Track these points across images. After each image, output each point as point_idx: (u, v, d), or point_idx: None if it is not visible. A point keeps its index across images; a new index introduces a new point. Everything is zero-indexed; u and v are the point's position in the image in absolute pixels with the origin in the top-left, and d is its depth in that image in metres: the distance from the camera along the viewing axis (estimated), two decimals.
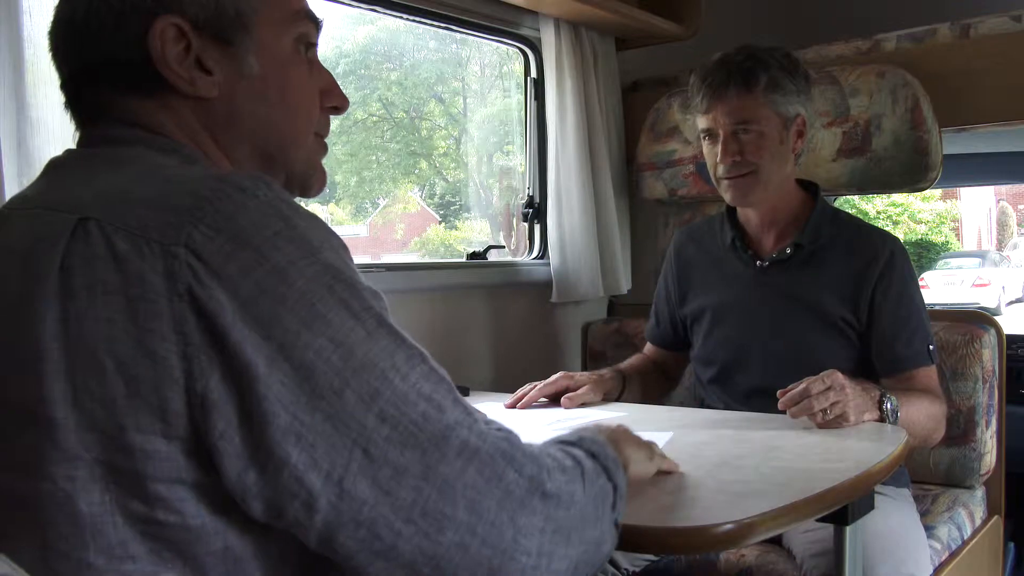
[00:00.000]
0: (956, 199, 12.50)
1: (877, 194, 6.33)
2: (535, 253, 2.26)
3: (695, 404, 1.73)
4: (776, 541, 1.50)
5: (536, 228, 2.26)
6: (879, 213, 11.61)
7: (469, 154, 4.01)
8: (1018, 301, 10.57)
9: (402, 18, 1.93)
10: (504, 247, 2.36)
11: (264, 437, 0.61)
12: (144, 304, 0.61)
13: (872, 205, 11.17)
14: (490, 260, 2.16)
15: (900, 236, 2.28)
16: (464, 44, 3.18)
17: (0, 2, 1.22)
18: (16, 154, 1.24)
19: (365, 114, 4.29)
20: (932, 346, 1.53)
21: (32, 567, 0.63)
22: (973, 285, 10.02)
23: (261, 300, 0.62)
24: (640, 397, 1.68)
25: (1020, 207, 13.74)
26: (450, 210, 5.39)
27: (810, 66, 1.69)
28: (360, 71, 3.73)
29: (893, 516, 1.42)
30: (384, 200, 6.23)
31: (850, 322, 1.54)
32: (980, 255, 11.38)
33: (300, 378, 0.62)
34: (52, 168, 0.77)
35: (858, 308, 1.53)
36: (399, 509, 0.64)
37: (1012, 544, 2.28)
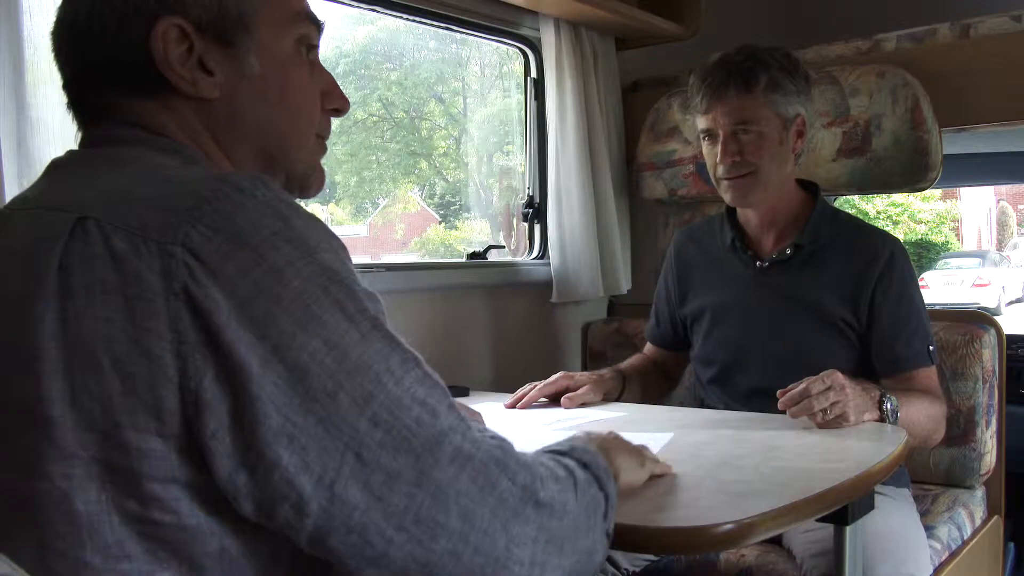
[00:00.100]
0: (956, 199, 12.50)
1: (877, 194, 6.33)
2: (535, 253, 2.26)
3: (695, 404, 1.73)
4: (776, 541, 1.50)
5: (536, 228, 2.25)
6: (879, 213, 11.61)
7: (469, 154, 4.01)
8: (1018, 301, 10.57)
9: (402, 18, 1.93)
10: (504, 247, 2.36)
11: (255, 438, 0.61)
12: (141, 303, 0.61)
13: (872, 205, 11.17)
14: (490, 260, 2.16)
15: (900, 236, 2.28)
16: (464, 44, 3.18)
17: (0, 2, 1.22)
18: (16, 154, 1.24)
19: (365, 114, 4.29)
20: (932, 346, 1.53)
21: (31, 566, 0.63)
22: (973, 285, 10.03)
23: (257, 300, 0.61)
24: (640, 397, 1.68)
25: (1020, 207, 13.74)
26: (450, 210, 5.40)
27: (810, 66, 1.69)
28: (360, 71, 3.73)
29: (893, 516, 1.42)
30: (384, 200, 6.23)
31: (850, 322, 1.53)
32: (980, 255, 11.39)
33: (294, 380, 0.61)
34: (54, 168, 0.77)
35: (858, 308, 1.53)
36: (391, 515, 0.63)
37: (1012, 544, 2.28)
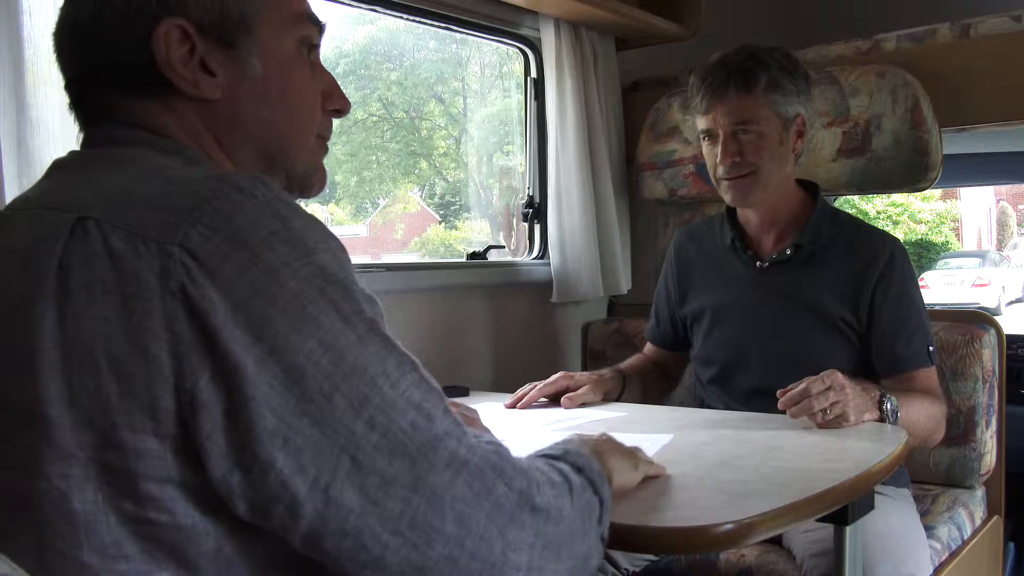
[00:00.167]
0: (956, 199, 12.51)
1: (877, 194, 6.33)
2: (535, 253, 2.26)
3: (695, 404, 1.73)
4: (776, 541, 1.50)
5: (536, 228, 2.25)
6: (879, 213, 11.61)
7: (469, 154, 4.02)
8: (1018, 301, 10.57)
9: (402, 18, 1.93)
10: (504, 247, 2.36)
11: (250, 439, 0.61)
12: (138, 303, 0.61)
13: (872, 205, 11.17)
14: (490, 260, 2.16)
15: (900, 236, 2.27)
16: (464, 44, 3.19)
17: (0, 2, 1.22)
18: (16, 154, 1.24)
19: (365, 114, 4.29)
20: (932, 347, 1.53)
21: (31, 566, 0.63)
22: (973, 285, 10.03)
23: (254, 301, 0.61)
24: (640, 397, 1.68)
25: (1020, 207, 13.74)
26: (450, 210, 5.40)
27: (810, 66, 1.69)
28: (360, 71, 3.73)
29: (893, 516, 1.42)
30: (384, 200, 6.23)
31: (850, 322, 1.53)
32: (980, 255, 11.39)
33: (289, 381, 0.61)
34: (55, 169, 0.77)
35: (858, 308, 1.53)
36: (386, 520, 0.63)
37: (1012, 544, 2.28)
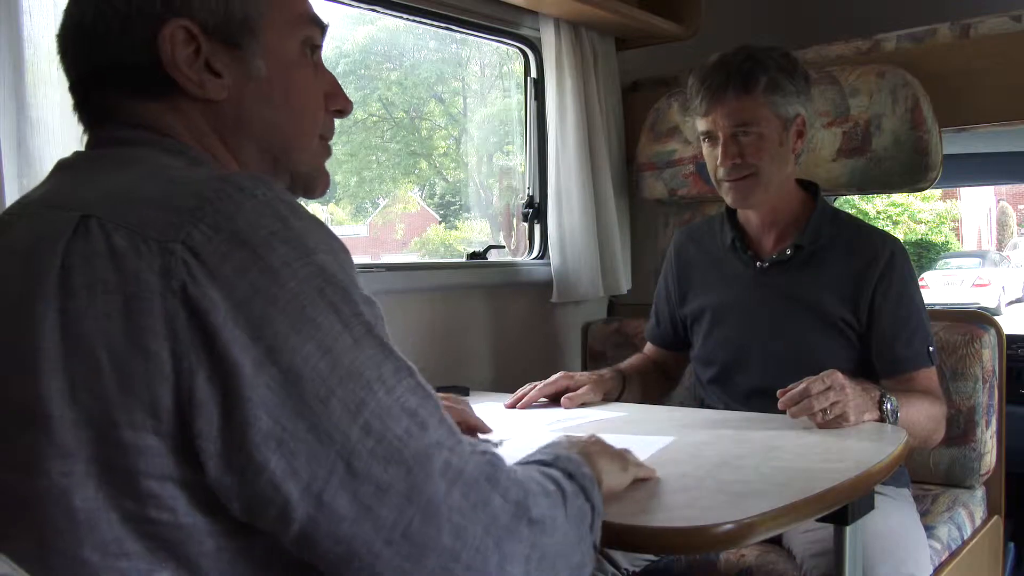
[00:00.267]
0: (956, 199, 12.50)
1: (877, 194, 6.33)
2: (535, 253, 2.26)
3: (695, 404, 1.73)
4: (776, 541, 1.50)
5: (536, 228, 2.25)
6: (879, 213, 11.61)
7: (469, 154, 4.02)
8: (1018, 301, 10.57)
9: (402, 18, 1.93)
10: (504, 247, 2.36)
11: (245, 440, 0.61)
12: (139, 301, 0.61)
13: (872, 205, 11.17)
14: (490, 260, 2.16)
15: (900, 236, 2.27)
16: (464, 44, 3.19)
17: (0, 2, 1.22)
18: (16, 154, 1.24)
19: (365, 114, 4.29)
20: (932, 347, 1.53)
21: (31, 566, 0.63)
22: (973, 285, 10.03)
23: (254, 301, 0.61)
24: (640, 397, 1.68)
25: (1020, 207, 13.74)
26: (450, 210, 5.40)
27: (810, 66, 1.69)
28: (360, 71, 3.73)
29: (893, 516, 1.42)
30: (384, 200, 6.23)
31: (850, 323, 1.53)
32: (980, 255, 11.39)
33: (287, 383, 0.61)
34: (59, 169, 0.77)
35: (858, 308, 1.53)
36: (380, 528, 0.63)
37: (1012, 544, 2.28)
